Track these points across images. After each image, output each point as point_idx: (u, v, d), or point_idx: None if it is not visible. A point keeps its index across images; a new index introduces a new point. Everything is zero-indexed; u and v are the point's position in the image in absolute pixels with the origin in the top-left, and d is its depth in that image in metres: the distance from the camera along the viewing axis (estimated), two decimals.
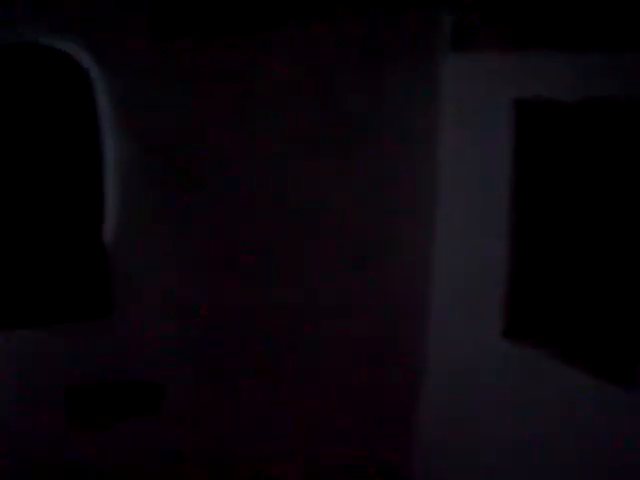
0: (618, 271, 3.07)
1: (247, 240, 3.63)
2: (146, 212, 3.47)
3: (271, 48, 3.49)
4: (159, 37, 3.35)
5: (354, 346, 3.86)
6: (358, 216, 3.77)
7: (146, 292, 3.54)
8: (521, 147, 3.45)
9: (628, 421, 2.93)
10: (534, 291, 3.48)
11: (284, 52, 3.51)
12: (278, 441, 3.85)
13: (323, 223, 3.73)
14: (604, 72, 2.96)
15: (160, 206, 3.49)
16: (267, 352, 3.75)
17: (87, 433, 3.60)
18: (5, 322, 3.42)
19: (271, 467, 3.85)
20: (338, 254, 3.76)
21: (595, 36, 3.04)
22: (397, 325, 3.89)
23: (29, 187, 3.45)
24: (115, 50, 3.31)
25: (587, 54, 3.03)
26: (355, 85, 3.64)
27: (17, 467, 3.53)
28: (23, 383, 3.46)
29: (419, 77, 3.72)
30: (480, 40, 3.53)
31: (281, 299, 3.72)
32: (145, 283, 3.53)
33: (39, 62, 3.36)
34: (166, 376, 3.65)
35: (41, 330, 3.45)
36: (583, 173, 3.20)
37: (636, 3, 2.86)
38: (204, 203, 3.54)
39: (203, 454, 3.76)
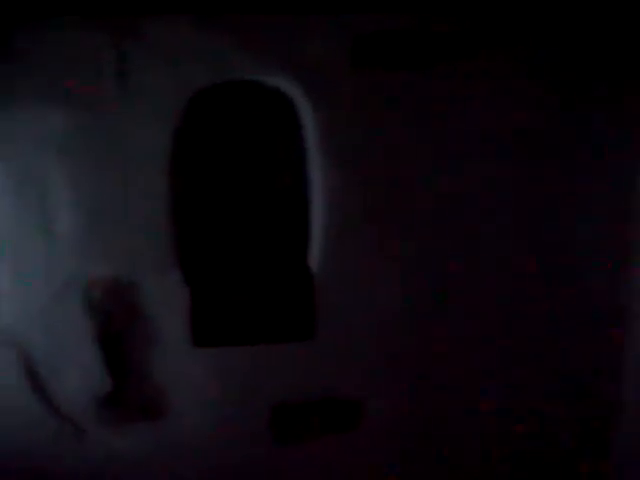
0: None
1: (453, 265, 3.67)
2: (349, 237, 3.59)
3: (465, 78, 3.53)
4: (361, 68, 3.48)
5: (552, 377, 3.83)
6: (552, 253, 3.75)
7: (348, 313, 3.66)
8: None
9: None
10: None
11: (480, 82, 3.54)
12: (480, 453, 3.89)
13: (522, 259, 3.72)
14: None
15: (363, 231, 3.60)
16: (469, 368, 3.77)
17: (289, 449, 3.77)
18: (221, 340, 3.65)
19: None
20: (539, 297, 3.76)
21: None
22: (598, 357, 3.83)
23: (247, 215, 3.66)
24: (320, 82, 3.45)
25: None
26: (557, 121, 3.60)
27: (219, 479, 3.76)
28: (232, 397, 3.67)
29: (621, 114, 3.63)
30: None
31: (484, 317, 3.74)
32: (347, 305, 3.65)
33: (252, 96, 3.56)
34: (366, 394, 3.75)
35: (252, 349, 3.65)
36: None
37: None
38: (408, 228, 3.63)
39: (404, 470, 3.85)
